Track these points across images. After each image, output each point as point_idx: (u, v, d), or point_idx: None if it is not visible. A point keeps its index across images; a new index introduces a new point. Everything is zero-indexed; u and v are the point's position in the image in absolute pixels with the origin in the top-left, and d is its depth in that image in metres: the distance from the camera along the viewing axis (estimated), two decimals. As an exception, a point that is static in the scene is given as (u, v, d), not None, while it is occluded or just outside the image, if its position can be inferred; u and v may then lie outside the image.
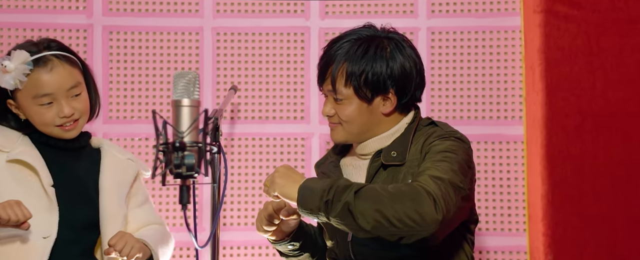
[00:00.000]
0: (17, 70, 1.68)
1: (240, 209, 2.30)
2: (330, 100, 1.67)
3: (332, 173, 1.71)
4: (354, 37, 1.65)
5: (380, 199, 1.45)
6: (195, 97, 1.36)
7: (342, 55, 1.63)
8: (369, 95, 1.62)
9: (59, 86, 1.72)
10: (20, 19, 2.23)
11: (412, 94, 1.66)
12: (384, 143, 1.67)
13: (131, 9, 2.28)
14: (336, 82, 1.63)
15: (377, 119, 1.66)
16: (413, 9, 2.31)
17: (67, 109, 1.73)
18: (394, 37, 1.67)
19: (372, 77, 1.61)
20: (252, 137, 2.30)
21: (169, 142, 1.31)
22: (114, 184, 1.81)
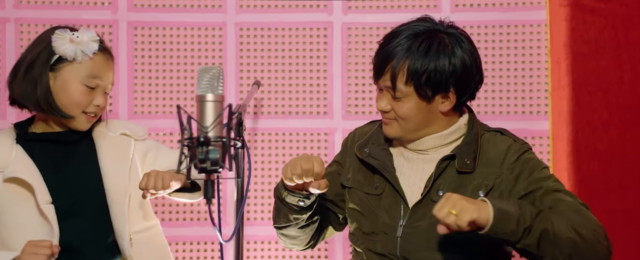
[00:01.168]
0: (85, 44, 1.70)
1: (264, 204, 2.31)
2: (386, 96, 1.63)
3: (383, 158, 1.66)
4: (413, 32, 1.60)
5: (574, 243, 1.48)
6: (219, 92, 1.37)
7: (403, 51, 1.58)
8: (429, 94, 1.59)
9: (108, 77, 1.76)
10: (46, 15, 2.26)
11: (471, 93, 1.63)
12: (441, 142, 1.64)
13: (155, 5, 2.29)
14: (397, 80, 1.58)
15: (434, 117, 1.63)
16: (437, 3, 2.29)
17: (102, 100, 1.75)
18: (453, 33, 1.62)
19: (435, 76, 1.57)
20: (275, 132, 2.31)
21: (193, 137, 1.32)
22: (113, 162, 1.79)
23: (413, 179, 1.66)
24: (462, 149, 1.63)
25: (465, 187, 1.60)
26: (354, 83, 2.31)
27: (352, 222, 1.73)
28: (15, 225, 1.69)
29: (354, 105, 2.31)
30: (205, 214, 2.29)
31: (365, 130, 1.78)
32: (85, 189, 1.76)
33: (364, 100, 2.31)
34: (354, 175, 1.71)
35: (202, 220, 2.29)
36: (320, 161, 1.58)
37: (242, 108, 1.77)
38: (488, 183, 1.60)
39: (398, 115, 1.62)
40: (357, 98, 2.31)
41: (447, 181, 1.61)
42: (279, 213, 1.72)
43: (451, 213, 1.42)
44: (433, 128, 1.64)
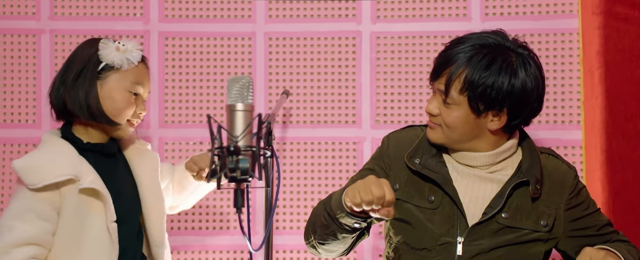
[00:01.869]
0: (130, 52, 1.75)
1: (293, 213, 2.31)
2: (437, 99, 1.60)
3: (441, 172, 1.63)
4: (480, 42, 1.56)
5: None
6: (249, 102, 1.37)
7: (465, 59, 1.54)
8: (481, 108, 1.55)
9: (147, 85, 1.82)
10: (80, 26, 2.30)
11: (525, 119, 1.59)
12: (493, 160, 1.62)
13: (186, 15, 2.32)
14: (451, 86, 1.55)
15: (481, 133, 1.59)
16: (466, 12, 2.28)
17: (143, 107, 1.80)
18: (522, 53, 1.57)
19: (491, 92, 1.53)
20: (304, 142, 2.31)
21: (223, 147, 1.32)
22: (149, 176, 1.85)
23: (471, 195, 1.62)
24: (531, 173, 1.60)
25: (531, 213, 1.59)
26: (383, 92, 2.30)
27: (397, 235, 1.68)
28: (85, 236, 1.69)
29: (383, 114, 2.30)
30: (235, 223, 2.30)
31: (407, 136, 1.72)
32: (129, 200, 1.80)
33: (392, 110, 2.30)
34: (403, 187, 1.67)
35: (231, 229, 2.30)
36: (390, 187, 1.46)
37: (271, 117, 1.78)
38: (550, 213, 1.60)
39: (444, 122, 1.59)
40: (386, 107, 2.30)
41: (513, 205, 1.59)
42: (326, 230, 1.61)
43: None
44: (478, 144, 1.61)
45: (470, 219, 1.60)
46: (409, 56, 2.29)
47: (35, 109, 2.30)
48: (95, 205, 1.71)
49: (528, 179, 1.60)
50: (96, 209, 1.71)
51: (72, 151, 1.74)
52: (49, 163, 1.68)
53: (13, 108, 2.29)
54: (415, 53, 2.28)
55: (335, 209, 1.57)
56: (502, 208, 1.59)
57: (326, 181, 2.30)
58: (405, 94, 2.29)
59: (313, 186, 2.30)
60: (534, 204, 1.59)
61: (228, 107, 1.37)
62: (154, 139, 2.31)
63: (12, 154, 2.28)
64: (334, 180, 2.29)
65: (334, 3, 2.31)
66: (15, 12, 2.29)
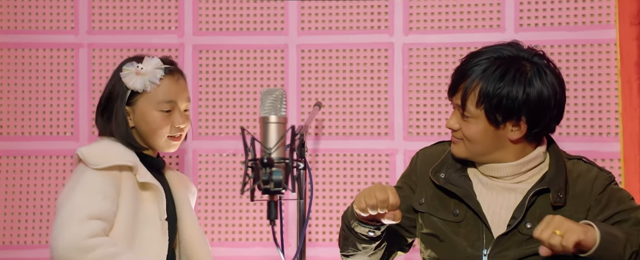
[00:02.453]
0: (151, 73, 1.76)
1: (325, 225, 2.31)
2: (456, 114, 1.61)
3: (464, 185, 1.62)
4: (495, 55, 1.57)
5: None
6: (282, 114, 1.38)
7: (479, 72, 1.55)
8: (499, 119, 1.55)
9: (181, 97, 1.81)
10: (117, 40, 2.35)
11: (545, 126, 1.58)
12: (518, 170, 1.60)
13: (219, 28, 2.35)
14: (467, 100, 1.56)
15: (502, 144, 1.58)
16: (500, 22, 2.26)
17: (181, 119, 1.79)
18: (537, 62, 1.56)
19: (506, 102, 1.52)
20: (336, 153, 2.31)
21: (257, 158, 1.33)
22: (184, 196, 1.89)
23: (494, 207, 1.61)
24: (553, 181, 1.58)
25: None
26: (415, 104, 2.29)
27: (426, 249, 1.69)
28: (140, 225, 1.72)
29: (415, 126, 2.29)
30: (268, 235, 2.30)
31: (435, 152, 1.73)
32: (169, 215, 1.81)
33: (425, 121, 2.29)
34: (429, 200, 1.67)
35: (265, 241, 2.31)
36: (394, 191, 1.53)
37: (303, 129, 1.79)
38: (579, 217, 1.55)
39: (465, 136, 1.59)
40: (418, 119, 2.29)
41: (536, 214, 1.56)
42: (346, 241, 1.68)
43: (556, 234, 1.40)
44: (502, 155, 1.60)
45: (495, 230, 1.59)
46: (441, 67, 2.28)
47: (73, 121, 2.34)
48: (151, 200, 1.75)
49: (549, 187, 1.58)
50: (152, 204, 1.75)
51: (130, 149, 1.79)
52: (113, 151, 1.75)
53: (52, 121, 2.34)
54: (448, 64, 2.27)
55: (350, 219, 1.63)
56: (523, 218, 1.57)
57: (358, 193, 2.28)
58: (438, 105, 2.28)
59: (345, 198, 2.30)
60: (561, 211, 1.56)
61: (261, 119, 1.38)
62: (188, 151, 2.33)
63: (50, 166, 2.33)
64: (367, 192, 2.28)
65: (366, 15, 2.31)
66: (54, 27, 2.35)
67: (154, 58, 1.79)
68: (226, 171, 2.32)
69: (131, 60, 1.80)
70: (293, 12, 2.33)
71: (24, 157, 2.33)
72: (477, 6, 2.26)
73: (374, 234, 1.61)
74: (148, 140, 1.80)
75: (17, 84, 2.34)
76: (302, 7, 2.33)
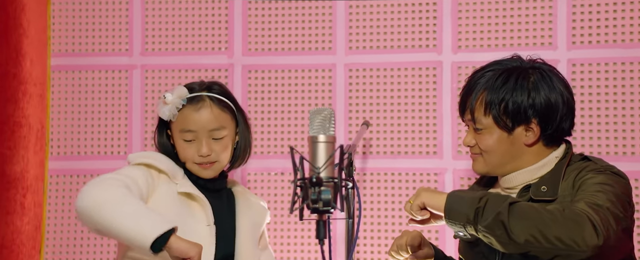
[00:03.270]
0: (173, 103, 1.79)
1: (374, 244, 2.29)
2: (470, 131, 1.64)
3: None
4: (498, 67, 1.63)
5: (539, 215, 1.42)
6: (330, 133, 1.39)
7: (482, 84, 1.60)
8: (509, 124, 1.58)
9: (202, 125, 1.79)
10: (169, 61, 2.40)
11: (558, 126, 1.59)
12: (530, 176, 1.61)
13: (268, 49, 2.38)
14: (475, 111, 1.60)
15: (519, 150, 1.60)
16: (552, 40, 2.22)
17: (205, 148, 1.78)
18: (539, 67, 1.62)
19: (513, 106, 1.57)
20: (384, 172, 2.30)
21: (306, 178, 1.34)
22: (250, 226, 1.87)
23: None
24: (543, 178, 1.58)
25: None
26: (465, 122, 2.26)
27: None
28: (187, 235, 1.71)
29: (465, 145, 2.26)
30: (316, 254, 2.30)
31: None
32: (221, 238, 1.81)
33: (475, 140, 2.25)
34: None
35: (311, 260, 2.31)
36: (415, 235, 1.62)
37: (352, 148, 1.78)
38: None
39: (482, 149, 1.61)
40: (468, 138, 2.26)
41: None
42: None
43: (409, 202, 1.54)
44: (520, 162, 1.60)
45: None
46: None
47: (127, 141, 2.40)
48: (195, 208, 1.78)
49: (529, 183, 1.58)
50: (196, 212, 1.77)
51: (177, 166, 1.83)
52: (154, 155, 1.82)
53: (106, 140, 2.41)
54: (498, 82, 2.23)
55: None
56: None
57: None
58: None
59: (394, 217, 2.28)
60: (544, 204, 1.51)
61: (310, 139, 1.38)
62: (237, 170, 2.36)
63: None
64: (415, 212, 2.26)
65: (415, 34, 2.31)
66: (109, 49, 2.43)
67: (181, 87, 1.81)
68: (275, 190, 2.34)
69: (166, 92, 1.83)
70: (341, 32, 2.34)
71: (79, 176, 2.40)
72: (528, 24, 2.23)
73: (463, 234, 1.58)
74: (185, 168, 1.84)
75: (74, 104, 2.42)
76: (350, 26, 2.34)
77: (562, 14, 2.20)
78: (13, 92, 2.30)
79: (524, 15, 2.23)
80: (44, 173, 2.39)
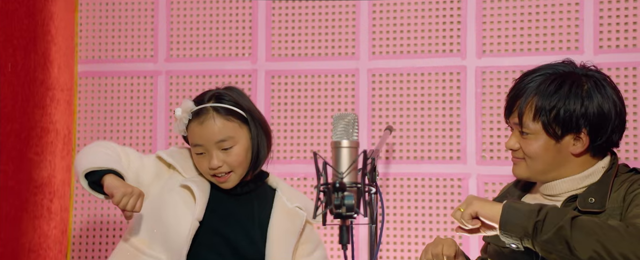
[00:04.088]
0: (180, 119, 1.79)
1: (397, 250, 2.28)
2: (515, 134, 1.60)
3: None
4: (550, 71, 1.57)
5: (603, 231, 1.37)
6: (353, 139, 1.38)
7: (533, 88, 1.55)
8: (558, 132, 1.53)
9: (207, 139, 1.75)
10: (193, 67, 2.43)
11: (608, 137, 1.54)
12: (574, 186, 1.57)
13: (291, 54, 2.39)
14: (524, 116, 1.55)
15: (565, 159, 1.55)
16: (578, 44, 2.19)
17: (214, 161, 1.75)
18: (593, 75, 1.56)
19: (564, 114, 1.51)
20: (407, 177, 2.29)
21: (329, 183, 1.34)
22: (282, 233, 1.82)
23: None
24: (590, 189, 1.53)
25: None
26: (489, 127, 2.25)
27: None
28: (166, 213, 1.77)
29: (489, 150, 2.24)
30: (339, 259, 2.30)
31: (509, 184, 1.74)
32: (245, 243, 1.80)
33: (499, 145, 2.23)
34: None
35: (334, 265, 2.30)
36: (450, 243, 1.58)
37: (375, 153, 1.78)
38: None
39: (526, 154, 1.57)
40: (492, 143, 2.24)
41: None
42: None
43: (459, 210, 1.46)
44: (564, 171, 1.56)
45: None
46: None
47: (151, 146, 2.43)
48: (190, 201, 1.77)
49: (577, 194, 1.53)
50: (189, 204, 1.76)
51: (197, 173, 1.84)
52: (172, 151, 1.86)
53: (131, 145, 2.43)
54: (523, 87, 2.22)
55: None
56: None
57: (430, 217, 2.26)
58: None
59: (417, 222, 2.27)
60: (598, 217, 1.48)
61: (333, 144, 1.38)
62: (260, 175, 2.37)
63: (129, 188, 2.41)
64: (438, 217, 2.25)
65: (438, 39, 2.30)
66: (135, 56, 2.46)
67: (188, 101, 1.79)
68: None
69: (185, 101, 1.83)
70: (364, 37, 2.34)
71: (105, 180, 2.43)
72: (553, 28, 2.21)
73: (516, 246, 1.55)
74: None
75: (100, 110, 2.45)
76: (374, 32, 2.34)
77: (588, 18, 2.18)
78: (41, 98, 2.34)
79: (550, 19, 2.21)
80: (70, 178, 2.43)
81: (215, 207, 1.80)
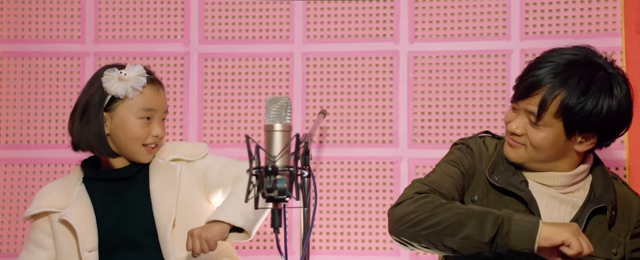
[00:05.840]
0: (134, 80, 1.77)
1: (329, 233, 2.30)
2: (523, 119, 1.56)
3: (523, 189, 1.57)
4: (571, 59, 1.53)
5: None
6: (286, 122, 1.38)
7: (560, 81, 1.50)
8: (575, 131, 1.52)
9: (160, 106, 1.82)
10: (123, 49, 2.36)
11: (615, 138, 1.57)
12: (568, 181, 1.59)
13: (225, 37, 2.36)
14: (547, 109, 1.51)
15: (566, 153, 1.57)
16: (505, 30, 2.26)
17: (159, 129, 1.81)
18: (613, 73, 1.54)
19: (590, 117, 1.49)
20: (341, 161, 2.31)
21: (261, 166, 1.33)
22: (162, 191, 1.80)
23: (549, 216, 1.57)
24: (604, 199, 1.55)
25: (602, 240, 1.55)
26: (420, 112, 2.29)
27: None
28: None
29: (420, 134, 2.29)
30: (272, 243, 2.30)
31: (488, 148, 1.67)
32: (141, 221, 1.81)
33: (430, 129, 2.28)
34: (482, 199, 1.63)
35: (268, 249, 2.31)
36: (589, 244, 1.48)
37: (308, 137, 1.79)
38: (620, 241, 1.55)
39: (531, 143, 1.55)
40: (423, 127, 2.29)
41: (587, 232, 1.54)
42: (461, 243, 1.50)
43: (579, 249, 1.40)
44: (559, 165, 1.58)
45: None
46: (446, 75, 2.28)
47: (79, 129, 2.35)
48: (71, 235, 1.77)
49: (605, 205, 1.55)
50: (72, 239, 1.77)
51: (74, 180, 1.84)
52: (45, 194, 1.83)
53: (57, 129, 2.35)
54: (453, 72, 2.27)
55: (512, 243, 1.44)
56: (584, 230, 1.54)
57: (363, 201, 2.29)
58: (443, 113, 2.27)
59: (350, 206, 2.30)
60: (607, 231, 1.55)
61: (266, 128, 1.38)
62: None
63: (55, 174, 2.33)
64: (371, 200, 2.28)
65: (372, 23, 2.32)
66: (61, 36, 2.37)
67: (137, 65, 1.80)
68: (231, 179, 2.33)
69: (112, 67, 1.81)
70: (298, 21, 2.33)
71: (28, 166, 2.34)
72: (482, 14, 2.26)
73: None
74: (123, 148, 1.80)
75: (23, 92, 2.35)
76: (308, 15, 2.33)
77: (515, 6, 2.24)
78: (-41, 79, 2.22)
79: (479, 5, 2.26)
80: (-9, 162, 2.33)
81: (108, 204, 1.80)
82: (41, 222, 1.82)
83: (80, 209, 1.78)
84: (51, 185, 1.90)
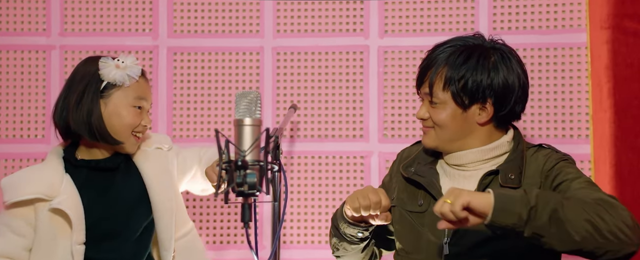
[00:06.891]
0: (130, 68, 1.77)
1: (300, 227, 2.31)
2: (425, 104, 1.66)
3: (430, 176, 1.65)
4: (460, 43, 1.64)
5: (592, 208, 1.39)
6: (256, 117, 1.38)
7: (443, 59, 1.61)
8: (466, 102, 1.59)
9: (150, 97, 1.84)
10: (90, 42, 2.32)
11: (511, 108, 1.62)
12: (480, 157, 1.63)
13: (195, 31, 2.34)
14: (434, 85, 1.61)
15: (470, 128, 1.62)
16: (474, 26, 2.28)
17: (148, 119, 1.83)
18: (500, 48, 1.64)
19: (472, 85, 1.58)
20: (312, 156, 2.31)
21: (231, 161, 1.33)
22: (158, 176, 1.83)
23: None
24: (507, 165, 1.61)
25: None
26: (391, 106, 2.30)
27: (397, 241, 1.73)
28: (53, 256, 1.73)
29: (391, 128, 2.30)
30: (242, 237, 2.30)
31: (412, 150, 1.79)
32: (131, 210, 1.80)
33: (400, 124, 2.30)
34: (399, 194, 1.71)
35: (239, 244, 2.30)
36: (386, 194, 1.63)
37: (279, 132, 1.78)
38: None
39: (435, 123, 1.63)
40: (394, 121, 2.30)
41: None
42: (338, 242, 1.74)
43: (446, 202, 1.38)
44: (470, 141, 1.63)
45: None
46: (416, 70, 2.28)
47: (44, 124, 2.31)
48: (64, 226, 1.73)
49: (498, 169, 1.60)
50: (64, 230, 1.73)
51: (58, 169, 1.78)
52: (26, 181, 1.75)
53: (23, 123, 2.31)
54: (423, 67, 2.28)
55: (339, 221, 1.69)
56: None
57: (334, 195, 2.30)
58: (413, 108, 2.29)
59: (320, 200, 2.30)
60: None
61: (236, 122, 1.37)
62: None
63: (20, 168, 2.29)
64: (342, 194, 2.29)
65: (342, 18, 2.32)
66: (25, 29, 2.32)
67: (130, 54, 1.82)
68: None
69: (100, 57, 1.80)
70: (268, 15, 2.32)
71: (-6, 160, 2.30)
72: (451, 10, 2.29)
73: (362, 234, 1.68)
74: (114, 135, 1.78)
75: (-13, 86, 2.31)
76: (278, 9, 2.33)
77: (483, 1, 2.27)
78: None
79: (447, 1, 2.28)
80: (-46, 158, 2.28)
81: (94, 195, 1.78)
82: (25, 210, 1.74)
83: (72, 199, 1.75)
84: (27, 172, 1.80)
